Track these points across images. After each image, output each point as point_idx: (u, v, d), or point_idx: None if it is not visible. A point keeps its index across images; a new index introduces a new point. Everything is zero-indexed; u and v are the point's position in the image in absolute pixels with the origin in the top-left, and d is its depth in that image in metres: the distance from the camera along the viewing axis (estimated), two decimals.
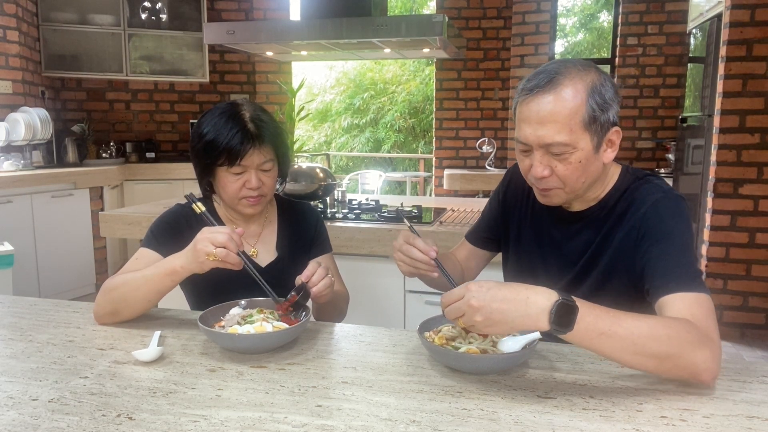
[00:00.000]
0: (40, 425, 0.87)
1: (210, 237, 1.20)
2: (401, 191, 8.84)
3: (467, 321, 0.94)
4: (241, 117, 1.39)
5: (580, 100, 1.10)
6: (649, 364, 0.96)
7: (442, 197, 4.68)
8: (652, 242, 1.14)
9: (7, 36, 4.37)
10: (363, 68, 11.30)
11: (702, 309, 1.04)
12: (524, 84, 1.15)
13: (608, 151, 1.18)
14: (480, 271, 1.55)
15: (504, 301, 0.93)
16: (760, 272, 3.43)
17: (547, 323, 0.92)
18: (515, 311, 0.93)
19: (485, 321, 0.92)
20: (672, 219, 1.15)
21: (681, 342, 0.94)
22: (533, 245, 1.36)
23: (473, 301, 0.93)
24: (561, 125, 1.10)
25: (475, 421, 0.88)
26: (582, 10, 10.81)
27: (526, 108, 1.14)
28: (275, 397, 0.96)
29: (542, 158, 1.15)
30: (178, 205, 1.53)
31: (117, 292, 1.30)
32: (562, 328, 0.92)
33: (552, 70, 1.13)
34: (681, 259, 1.11)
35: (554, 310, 0.92)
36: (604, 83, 1.13)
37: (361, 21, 2.51)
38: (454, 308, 0.95)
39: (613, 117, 1.15)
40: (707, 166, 3.58)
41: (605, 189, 1.25)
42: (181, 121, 5.60)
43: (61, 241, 4.18)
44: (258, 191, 1.41)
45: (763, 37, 3.26)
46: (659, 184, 1.22)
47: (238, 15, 5.45)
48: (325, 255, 1.61)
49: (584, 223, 1.27)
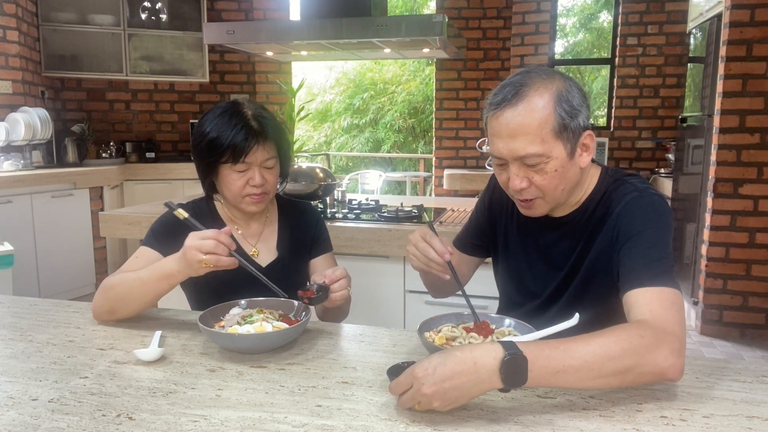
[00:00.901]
0: (40, 425, 0.87)
1: (198, 245, 1.19)
2: (401, 191, 8.84)
3: (425, 407, 0.90)
4: (244, 114, 1.39)
5: (548, 110, 1.11)
6: (613, 381, 0.93)
7: (442, 197, 4.68)
8: (623, 241, 1.15)
9: (7, 36, 4.37)
10: (363, 68, 11.30)
11: (663, 303, 1.03)
12: (491, 98, 1.16)
13: (584, 155, 1.18)
14: (472, 275, 1.55)
15: (454, 377, 0.87)
16: (760, 272, 3.44)
17: (500, 383, 0.88)
18: (468, 383, 0.88)
19: (444, 403, 0.88)
20: (642, 216, 1.15)
21: (637, 350, 0.93)
22: (520, 251, 1.36)
23: (424, 389, 0.87)
24: (532, 136, 1.11)
25: (475, 421, 0.88)
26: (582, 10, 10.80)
27: (496, 122, 1.14)
28: (275, 397, 0.96)
29: (518, 171, 1.16)
30: (179, 204, 1.53)
31: (114, 291, 1.30)
32: (516, 385, 0.89)
33: (517, 82, 1.13)
34: (647, 255, 1.10)
35: (503, 369, 0.87)
36: (570, 89, 1.13)
37: (361, 21, 2.51)
38: (408, 398, 0.89)
39: (584, 121, 1.15)
40: (707, 166, 3.58)
41: (585, 192, 1.25)
42: (181, 121, 5.60)
43: (61, 241, 4.18)
44: (261, 188, 1.41)
45: (763, 37, 3.26)
46: (635, 183, 1.22)
47: (238, 15, 5.45)
48: (326, 254, 1.61)
49: (567, 229, 1.27)
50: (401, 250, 2.19)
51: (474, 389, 0.89)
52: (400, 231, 2.20)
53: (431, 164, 6.16)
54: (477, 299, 1.19)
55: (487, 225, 1.45)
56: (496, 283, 1.50)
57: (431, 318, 1.19)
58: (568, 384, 0.92)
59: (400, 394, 0.91)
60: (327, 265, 1.59)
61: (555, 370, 0.90)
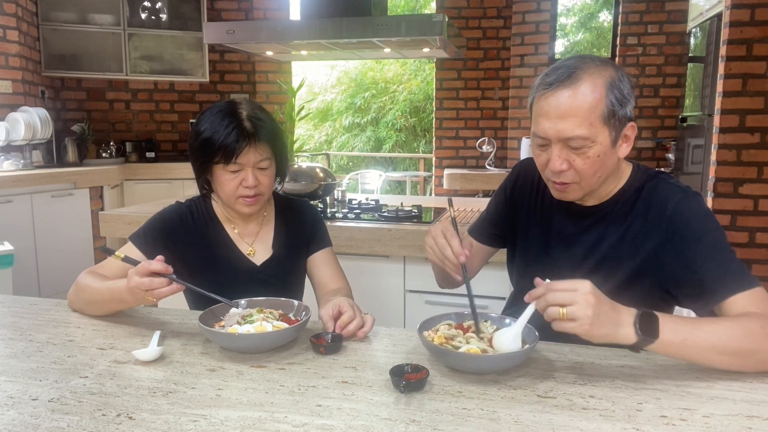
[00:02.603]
0: (40, 425, 0.87)
1: (135, 284, 1.18)
2: (401, 191, 8.84)
3: (575, 311, 0.94)
4: (238, 115, 1.39)
5: (599, 94, 1.11)
6: (734, 362, 1.00)
7: (442, 197, 4.68)
8: (688, 246, 1.15)
9: (7, 36, 4.36)
10: (364, 67, 11.30)
11: (764, 301, 1.08)
12: (542, 79, 1.16)
13: (624, 146, 1.19)
14: (483, 265, 1.55)
15: (610, 308, 0.97)
16: (760, 272, 3.43)
17: (634, 334, 0.96)
18: (612, 319, 0.96)
19: (592, 318, 0.94)
20: (701, 219, 1.17)
21: (758, 337, 0.99)
22: (540, 240, 1.35)
23: (591, 296, 0.95)
24: (581, 119, 1.11)
25: (475, 421, 0.88)
26: (582, 10, 10.80)
27: (545, 102, 1.14)
28: (275, 397, 0.96)
29: (560, 152, 1.16)
30: (177, 203, 1.54)
31: (83, 294, 1.36)
32: (649, 337, 0.96)
33: (571, 65, 1.14)
34: (725, 258, 1.13)
35: (638, 321, 0.96)
36: (621, 78, 1.14)
37: (361, 21, 2.51)
38: (566, 296, 0.95)
39: (630, 112, 1.16)
40: (707, 166, 3.57)
41: (618, 185, 1.26)
42: (181, 121, 5.60)
43: (61, 241, 4.18)
44: (254, 190, 1.41)
45: (763, 37, 3.25)
46: (677, 183, 1.23)
47: (238, 15, 5.44)
48: (325, 250, 1.60)
49: (596, 218, 1.27)
50: (401, 249, 2.19)
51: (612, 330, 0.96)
52: (400, 231, 2.20)
53: (431, 164, 6.16)
54: (477, 299, 1.19)
55: (507, 213, 1.44)
56: (509, 275, 1.49)
57: (431, 318, 1.19)
58: (695, 354, 1.00)
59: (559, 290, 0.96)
60: (326, 261, 1.58)
61: (684, 337, 0.98)
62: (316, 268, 1.57)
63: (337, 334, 1.19)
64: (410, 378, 0.98)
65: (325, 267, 1.57)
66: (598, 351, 1.14)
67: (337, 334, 1.19)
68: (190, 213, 1.52)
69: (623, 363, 1.09)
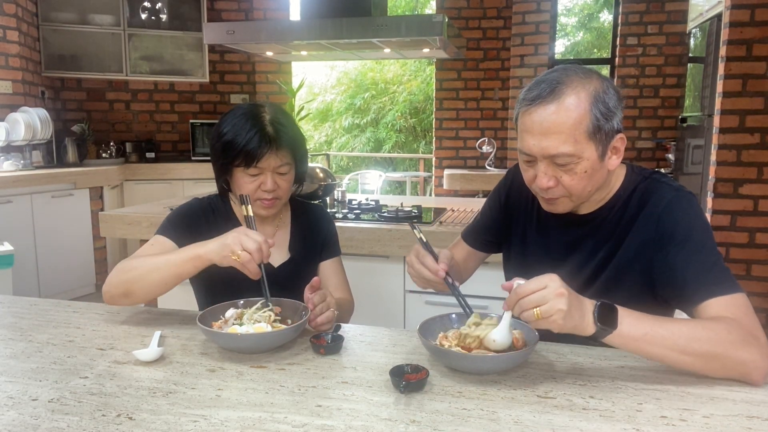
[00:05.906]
0: (40, 425, 0.87)
1: (242, 239, 1.20)
2: (401, 191, 8.84)
3: (548, 309, 0.94)
4: (261, 119, 1.39)
5: (583, 109, 1.08)
6: (697, 363, 0.98)
7: (442, 197, 4.68)
8: (674, 246, 1.13)
9: (7, 36, 4.36)
10: (364, 68, 11.30)
11: (741, 309, 1.05)
12: (525, 94, 1.13)
13: (613, 158, 1.16)
14: (477, 267, 1.54)
15: (576, 299, 0.97)
16: (760, 272, 3.43)
17: (592, 324, 0.96)
18: (579, 311, 0.97)
19: (567, 311, 0.94)
20: (690, 219, 1.14)
21: (723, 342, 0.97)
22: (540, 248, 1.33)
23: (562, 290, 0.95)
24: (565, 136, 1.08)
25: (475, 421, 0.88)
26: (582, 10, 10.80)
27: (528, 119, 1.11)
28: (275, 397, 0.96)
29: (547, 169, 1.13)
30: (195, 199, 1.55)
31: (135, 272, 1.29)
32: (607, 327, 0.96)
33: (553, 79, 1.10)
34: (709, 261, 1.11)
35: (596, 311, 0.97)
36: (607, 90, 1.11)
37: (361, 21, 2.51)
38: (537, 296, 0.95)
39: (617, 124, 1.13)
40: (707, 166, 3.57)
41: (612, 190, 1.24)
42: (181, 121, 5.60)
43: (61, 241, 4.18)
44: (273, 194, 1.41)
45: (763, 37, 3.25)
46: (669, 182, 1.21)
47: (238, 15, 5.44)
48: (334, 259, 1.61)
49: (593, 226, 1.25)
50: (401, 250, 2.19)
51: (579, 319, 0.96)
52: (400, 231, 2.20)
53: (431, 164, 6.16)
54: (477, 299, 1.19)
55: (502, 221, 1.42)
56: (505, 277, 1.48)
57: (431, 318, 1.18)
58: (654, 353, 0.98)
59: (528, 294, 0.96)
60: (333, 269, 1.60)
61: (644, 332, 0.97)
62: (322, 275, 1.57)
63: (337, 335, 1.20)
64: (410, 378, 0.98)
65: (333, 275, 1.58)
66: (598, 351, 1.14)
67: (338, 335, 1.20)
68: (211, 210, 1.52)
69: (623, 363, 1.09)
